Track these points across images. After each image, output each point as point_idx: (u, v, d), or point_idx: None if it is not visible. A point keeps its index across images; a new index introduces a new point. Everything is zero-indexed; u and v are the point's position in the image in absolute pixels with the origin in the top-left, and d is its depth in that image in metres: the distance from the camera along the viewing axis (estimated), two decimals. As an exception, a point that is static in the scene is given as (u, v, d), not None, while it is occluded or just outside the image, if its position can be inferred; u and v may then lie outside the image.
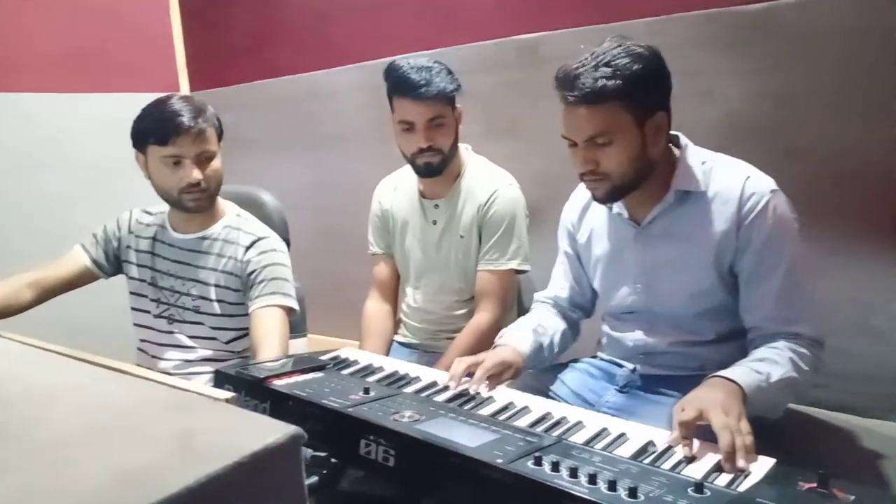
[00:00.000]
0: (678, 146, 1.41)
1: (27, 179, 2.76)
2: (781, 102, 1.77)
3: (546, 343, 1.53)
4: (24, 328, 1.23)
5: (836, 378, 1.69)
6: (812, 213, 1.54)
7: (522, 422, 1.16)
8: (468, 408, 1.22)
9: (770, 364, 1.22)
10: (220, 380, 1.33)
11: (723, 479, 0.96)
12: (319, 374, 1.35)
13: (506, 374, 1.39)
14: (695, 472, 0.97)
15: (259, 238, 1.71)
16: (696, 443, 1.05)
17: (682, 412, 1.07)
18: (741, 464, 0.99)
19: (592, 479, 0.89)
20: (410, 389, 1.31)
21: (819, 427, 1.59)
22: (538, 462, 0.94)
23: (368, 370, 1.42)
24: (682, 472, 0.97)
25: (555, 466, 0.93)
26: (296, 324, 1.72)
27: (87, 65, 2.90)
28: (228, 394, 0.80)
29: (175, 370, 1.71)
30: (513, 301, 1.95)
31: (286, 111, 2.93)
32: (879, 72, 1.63)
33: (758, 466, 0.99)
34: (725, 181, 1.35)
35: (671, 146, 1.40)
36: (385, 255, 2.03)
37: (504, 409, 1.22)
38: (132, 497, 0.54)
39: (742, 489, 0.93)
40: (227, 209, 1.77)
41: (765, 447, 1.04)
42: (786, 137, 1.77)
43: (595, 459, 0.98)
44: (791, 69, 1.74)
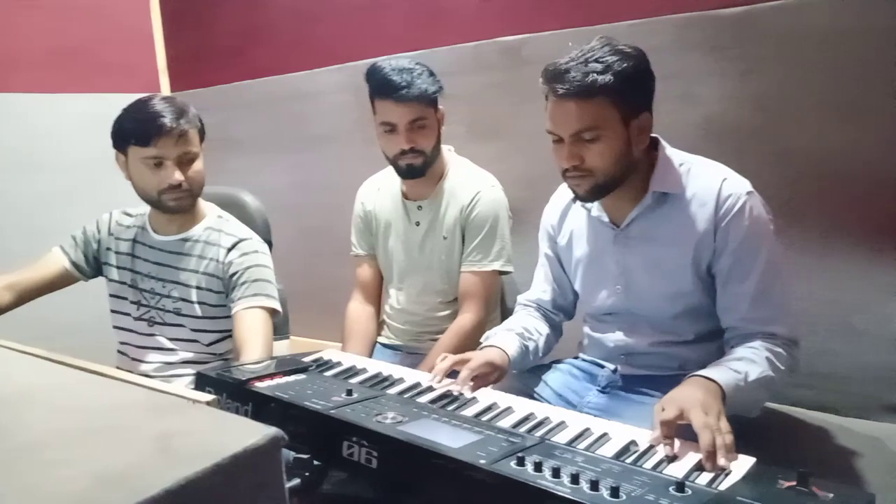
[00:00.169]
0: (656, 148, 1.42)
1: (7, 179, 2.72)
2: (761, 105, 1.79)
3: (531, 347, 1.54)
4: (2, 331, 1.22)
5: (816, 378, 1.71)
6: (792, 215, 1.56)
7: (505, 422, 1.16)
8: (451, 409, 1.22)
9: (748, 363, 1.23)
10: (202, 382, 1.32)
11: (704, 478, 0.97)
12: (302, 376, 1.34)
13: (491, 377, 1.39)
14: (676, 471, 0.97)
15: (241, 240, 1.70)
16: (677, 442, 1.05)
17: (663, 412, 1.08)
18: (722, 462, 1.00)
19: (575, 479, 0.90)
20: (394, 391, 1.30)
21: (798, 426, 1.60)
22: (521, 462, 0.94)
23: (351, 372, 1.42)
24: (664, 472, 0.97)
25: (537, 467, 0.93)
26: (278, 326, 1.71)
27: (68, 65, 2.87)
28: (209, 396, 0.80)
29: (156, 373, 1.69)
30: (496, 302, 1.95)
31: (269, 112, 2.92)
32: (858, 74, 1.65)
33: (738, 465, 1.00)
34: (702, 183, 1.36)
35: (649, 148, 1.41)
36: (368, 257, 2.03)
37: (487, 410, 1.22)
38: (111, 499, 0.54)
39: (723, 488, 0.94)
40: (209, 211, 1.76)
41: (745, 446, 1.05)
42: (765, 140, 1.78)
43: (577, 459, 0.98)
44: (770, 72, 1.76)
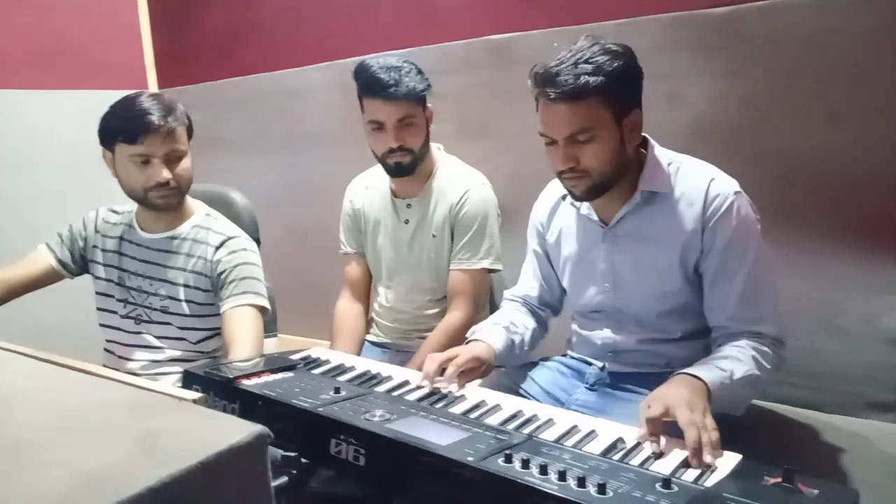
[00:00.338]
0: (645, 147, 1.42)
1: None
2: (747, 105, 1.79)
3: (518, 341, 1.54)
4: (-13, 329, 1.21)
5: (802, 376, 1.72)
6: (778, 214, 1.57)
7: (493, 420, 1.16)
8: (439, 406, 1.22)
9: (733, 362, 1.24)
10: (189, 380, 1.31)
11: (690, 475, 0.97)
12: (290, 374, 1.34)
13: (477, 372, 1.39)
14: (663, 468, 0.98)
15: (229, 238, 1.70)
16: (664, 439, 1.06)
17: (649, 409, 1.09)
18: (708, 459, 1.00)
19: (562, 476, 0.90)
20: (382, 389, 1.30)
21: (784, 423, 1.61)
22: (508, 459, 0.95)
23: (339, 370, 1.42)
24: (651, 468, 0.98)
25: (525, 464, 0.93)
26: (266, 324, 1.70)
27: (54, 61, 2.85)
28: (196, 394, 0.79)
29: (143, 371, 1.68)
30: (485, 300, 1.95)
31: (257, 109, 2.90)
32: (845, 75, 1.66)
33: (724, 462, 1.01)
34: (691, 182, 1.37)
35: (638, 147, 1.42)
36: (357, 255, 2.03)
37: (475, 408, 1.22)
38: (95, 498, 0.54)
39: (709, 484, 0.94)
40: (197, 208, 1.75)
41: (731, 443, 1.05)
42: (752, 140, 1.79)
43: (565, 456, 0.98)
44: (757, 72, 1.77)
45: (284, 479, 1.05)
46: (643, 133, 1.41)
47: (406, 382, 1.34)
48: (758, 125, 1.79)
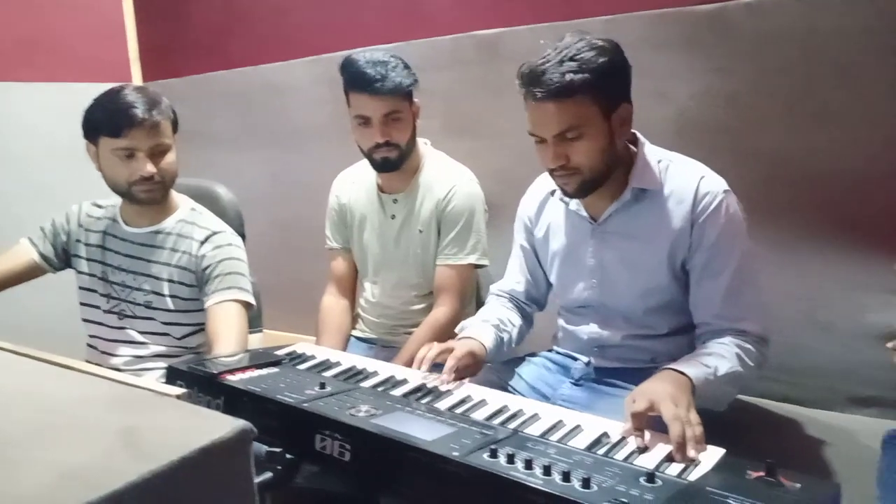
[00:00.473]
0: (635, 144, 1.43)
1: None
2: (733, 103, 1.80)
3: (506, 338, 1.54)
4: (-34, 324, 1.19)
5: (785, 371, 1.74)
6: (762, 212, 1.57)
7: (479, 415, 1.16)
8: (425, 402, 1.22)
9: (718, 358, 1.25)
10: (173, 375, 1.30)
11: (674, 469, 0.98)
12: (275, 370, 1.33)
13: (470, 370, 1.39)
14: (647, 462, 0.99)
15: (214, 232, 1.68)
16: (648, 434, 1.06)
17: (634, 404, 1.09)
18: (691, 454, 1.01)
19: (547, 471, 0.90)
20: (367, 384, 1.30)
21: (767, 418, 1.63)
22: (494, 454, 0.95)
23: (325, 365, 1.41)
24: (635, 463, 0.99)
25: (510, 458, 0.93)
26: (251, 319, 1.70)
27: (36, 53, 2.81)
28: (179, 390, 0.79)
29: (126, 367, 1.67)
30: (471, 296, 1.95)
31: (242, 103, 2.88)
32: (832, 74, 1.67)
33: (708, 456, 1.02)
34: (680, 180, 1.37)
35: (628, 144, 1.42)
36: (342, 250, 2.02)
37: (461, 403, 1.22)
38: (74, 495, 0.53)
39: (693, 478, 0.95)
40: (182, 203, 1.74)
41: (715, 437, 1.06)
42: (738, 137, 1.80)
43: (550, 451, 0.99)
44: (743, 70, 1.77)
45: (269, 475, 1.04)
46: (633, 130, 1.42)
47: (392, 378, 1.34)
48: (744, 123, 1.79)
